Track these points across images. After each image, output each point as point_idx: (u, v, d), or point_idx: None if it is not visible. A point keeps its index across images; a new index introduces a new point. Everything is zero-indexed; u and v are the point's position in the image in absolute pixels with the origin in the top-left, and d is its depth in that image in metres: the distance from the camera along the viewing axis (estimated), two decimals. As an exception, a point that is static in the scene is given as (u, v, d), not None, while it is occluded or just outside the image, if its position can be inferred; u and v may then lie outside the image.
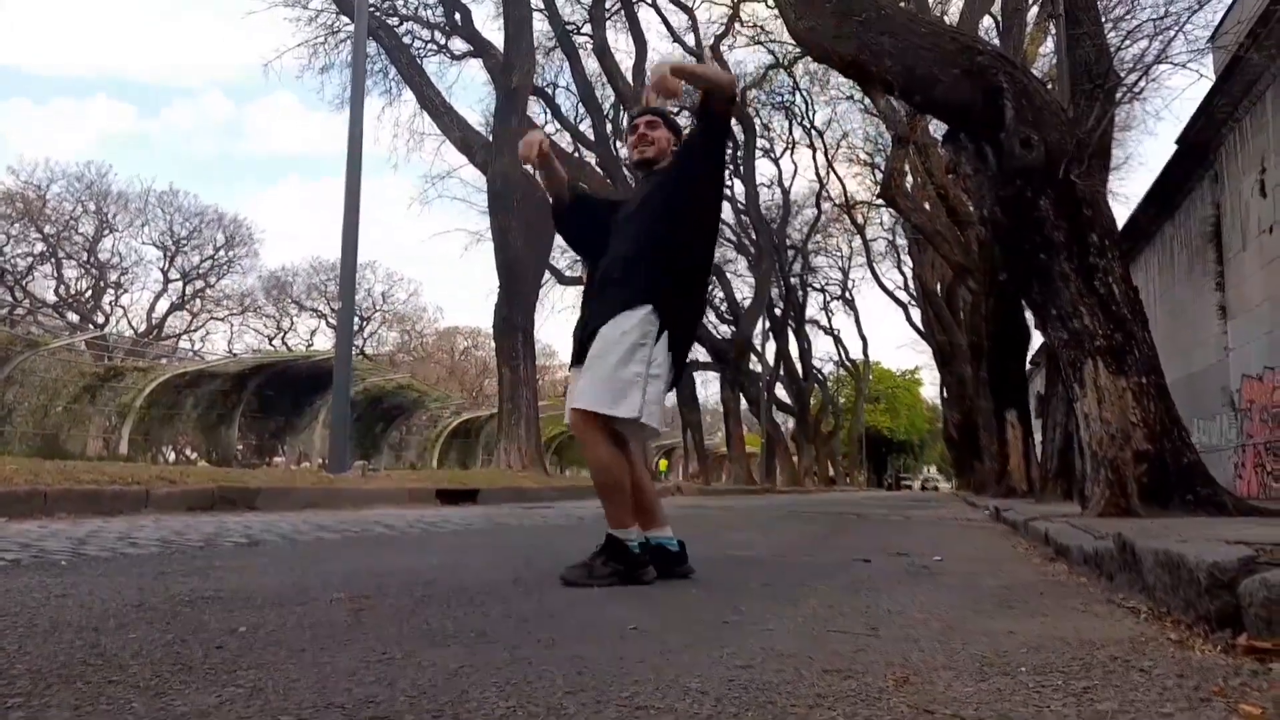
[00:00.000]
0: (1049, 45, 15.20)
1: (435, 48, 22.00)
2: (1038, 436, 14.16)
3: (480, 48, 19.80)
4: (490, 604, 2.27)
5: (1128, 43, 10.22)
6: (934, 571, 3.47)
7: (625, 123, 3.45)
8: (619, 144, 24.10)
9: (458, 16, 20.48)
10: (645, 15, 25.74)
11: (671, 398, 35.50)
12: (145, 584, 2.42)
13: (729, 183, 32.66)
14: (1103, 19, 11.47)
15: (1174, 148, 13.25)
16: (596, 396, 2.77)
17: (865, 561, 3.80)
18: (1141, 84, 10.00)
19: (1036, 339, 14.15)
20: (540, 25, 21.56)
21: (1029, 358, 16.93)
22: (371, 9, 18.83)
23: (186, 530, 4.32)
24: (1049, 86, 9.28)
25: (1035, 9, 17.71)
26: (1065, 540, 3.85)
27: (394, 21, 20.68)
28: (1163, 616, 2.14)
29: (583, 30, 22.85)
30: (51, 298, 35.86)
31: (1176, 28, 8.32)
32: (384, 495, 8.49)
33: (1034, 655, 1.73)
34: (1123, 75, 8.61)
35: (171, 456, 21.04)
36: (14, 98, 73.56)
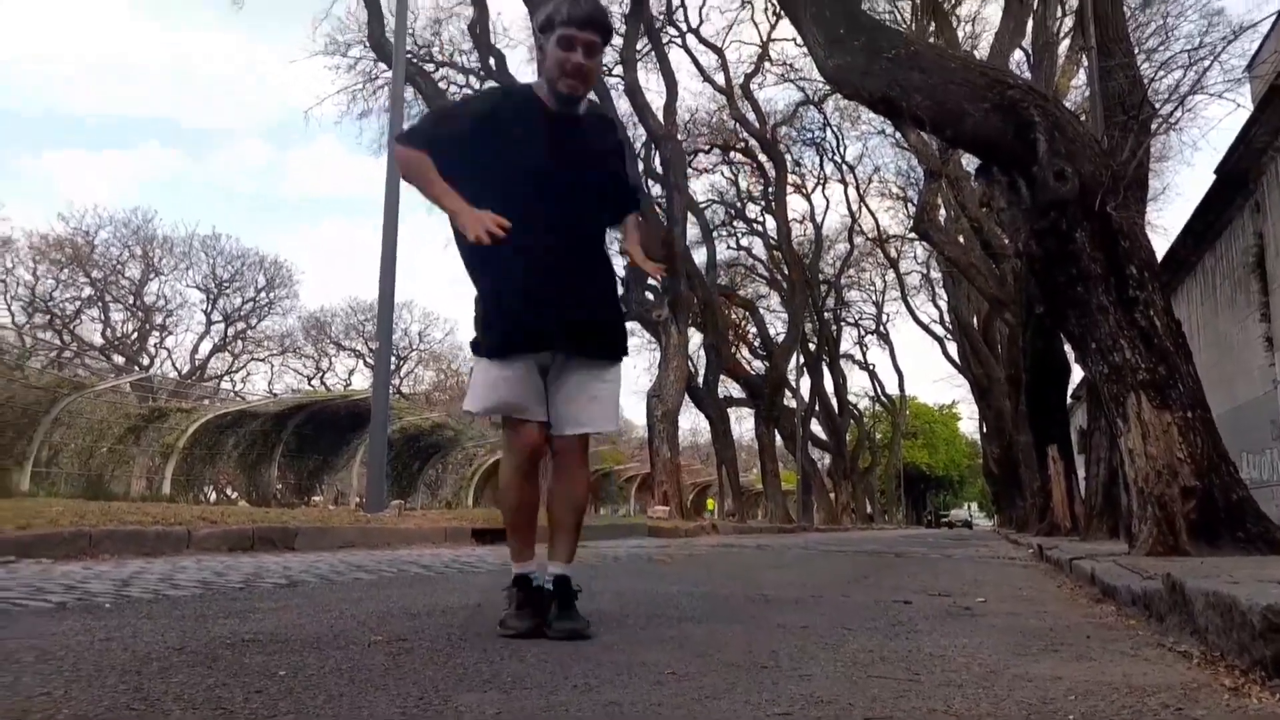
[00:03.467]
0: (1081, 77, 15.17)
1: (471, 92, 22.52)
2: (1080, 472, 13.88)
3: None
4: (525, 646, 2.26)
5: (1162, 73, 10.17)
6: (976, 613, 3.40)
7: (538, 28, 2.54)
8: (650, 181, 24.33)
9: (492, 61, 20.95)
10: (675, 55, 26.19)
11: (705, 434, 35.30)
12: (187, 627, 2.44)
13: (760, 219, 32.79)
14: (1135, 50, 11.42)
15: (1213, 178, 13.08)
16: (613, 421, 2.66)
17: (905, 603, 3.73)
18: (1177, 115, 9.94)
19: (1077, 372, 13.93)
20: (573, 68, 21.91)
21: (1069, 391, 16.64)
22: (409, 56, 19.31)
23: (227, 571, 4.37)
24: (1082, 118, 9.24)
25: (1066, 42, 17.72)
26: (1112, 580, 3.76)
27: (430, 67, 21.21)
28: (1216, 661, 2.08)
29: (613, 72, 23.22)
30: (98, 340, 36.73)
31: (1212, 58, 8.25)
32: (420, 534, 8.52)
33: (1082, 702, 1.68)
34: (1157, 106, 8.55)
35: (213, 496, 21.30)
36: (69, 148, 76.17)
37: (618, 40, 23.63)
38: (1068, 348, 11.85)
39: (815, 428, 39.83)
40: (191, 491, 19.26)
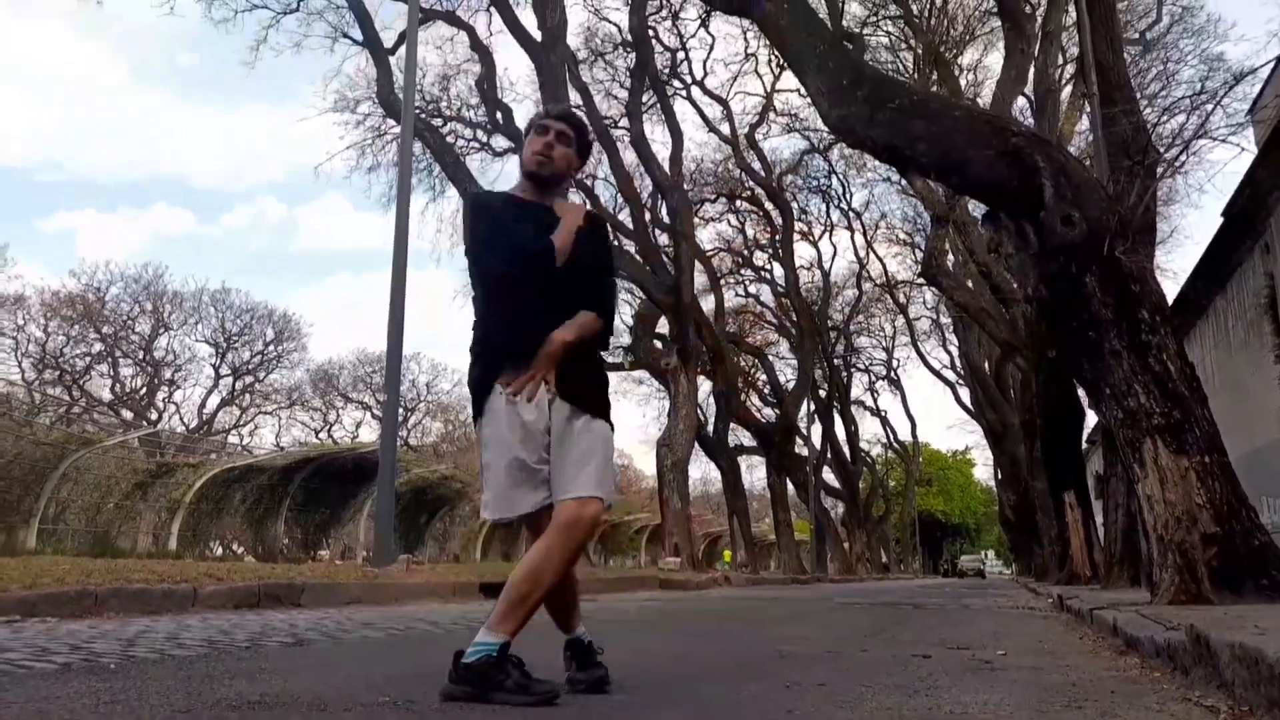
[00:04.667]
0: (1084, 123, 15.29)
1: (478, 145, 22.86)
2: (1098, 518, 13.69)
3: (521, 144, 20.47)
4: (533, 709, 2.21)
5: (1165, 118, 10.25)
6: (997, 667, 3.32)
7: (525, 127, 3.03)
8: (657, 231, 24.52)
9: (499, 116, 21.29)
10: (680, 107, 26.51)
11: (716, 483, 35.03)
12: (193, 688, 2.39)
13: (767, 266, 32.99)
14: (1137, 95, 11.52)
15: (1220, 220, 13.09)
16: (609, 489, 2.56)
17: (925, 657, 3.65)
18: (1182, 159, 9.98)
19: (1091, 417, 13.80)
20: (579, 121, 22.27)
21: (1085, 436, 16.49)
22: (417, 111, 19.66)
23: (233, 630, 4.31)
24: (1086, 164, 9.30)
25: (1069, 89, 17.92)
26: (1135, 631, 3.67)
27: (438, 122, 21.56)
28: (1244, 716, 2.02)
29: (620, 124, 23.56)
30: (107, 396, 36.86)
31: (1214, 103, 8.32)
32: (428, 589, 8.42)
33: (1111, 763, 1.62)
34: (1162, 150, 8.60)
35: (219, 551, 21.15)
36: (80, 209, 77.31)
37: (623, 93, 24.07)
38: (1081, 392, 11.77)
39: (828, 476, 39.51)
40: (198, 547, 19.13)
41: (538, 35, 18.37)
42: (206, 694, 2.29)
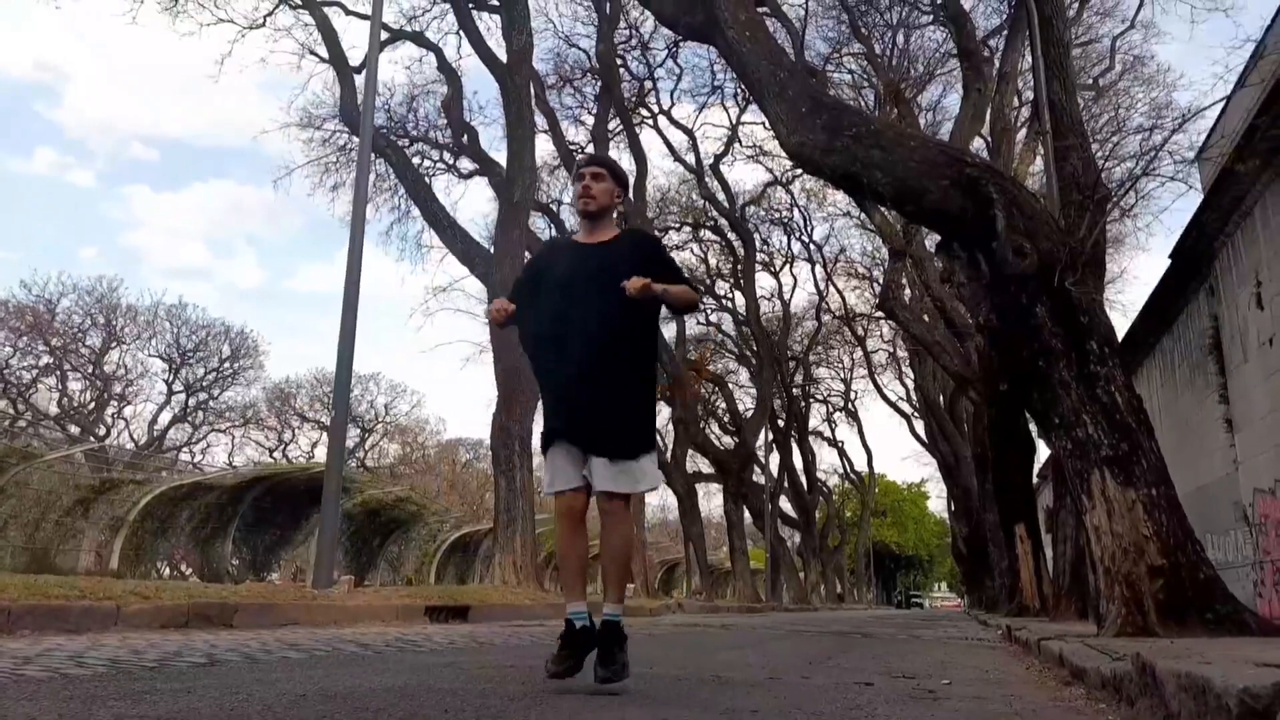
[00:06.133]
0: (1038, 164, 15.59)
1: (444, 166, 22.67)
2: (1048, 551, 13.77)
3: (486, 166, 20.36)
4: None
5: (1113, 162, 10.45)
6: (940, 696, 3.23)
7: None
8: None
9: (465, 138, 21.15)
10: (647, 136, 26.60)
11: (673, 511, 34.84)
12: (70, 709, 2.20)
13: (729, 295, 33.12)
14: (1090, 138, 11.75)
15: (1168, 261, 13.35)
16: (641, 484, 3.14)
17: (867, 685, 3.55)
18: (1130, 199, 10.16)
19: (1042, 450, 13.93)
20: (546, 146, 22.26)
21: (1036, 470, 16.64)
22: (383, 129, 19.46)
23: (147, 649, 4.08)
24: (1039, 199, 9.41)
25: (1024, 130, 18.29)
26: (1081, 662, 3.61)
27: (404, 142, 21.35)
28: (1190, 749, 1.93)
29: (586, 150, 23.54)
30: (54, 410, 35.79)
31: (1161, 144, 8.49)
32: (370, 612, 8.16)
33: (1046, 797, 1.52)
34: (1111, 187, 8.73)
35: (166, 572, 20.48)
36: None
37: (590, 119, 24.11)
38: (1032, 425, 11.86)
39: (784, 505, 39.50)
40: (142, 567, 18.51)
41: (505, 58, 18.31)
42: (82, 715, 2.10)
